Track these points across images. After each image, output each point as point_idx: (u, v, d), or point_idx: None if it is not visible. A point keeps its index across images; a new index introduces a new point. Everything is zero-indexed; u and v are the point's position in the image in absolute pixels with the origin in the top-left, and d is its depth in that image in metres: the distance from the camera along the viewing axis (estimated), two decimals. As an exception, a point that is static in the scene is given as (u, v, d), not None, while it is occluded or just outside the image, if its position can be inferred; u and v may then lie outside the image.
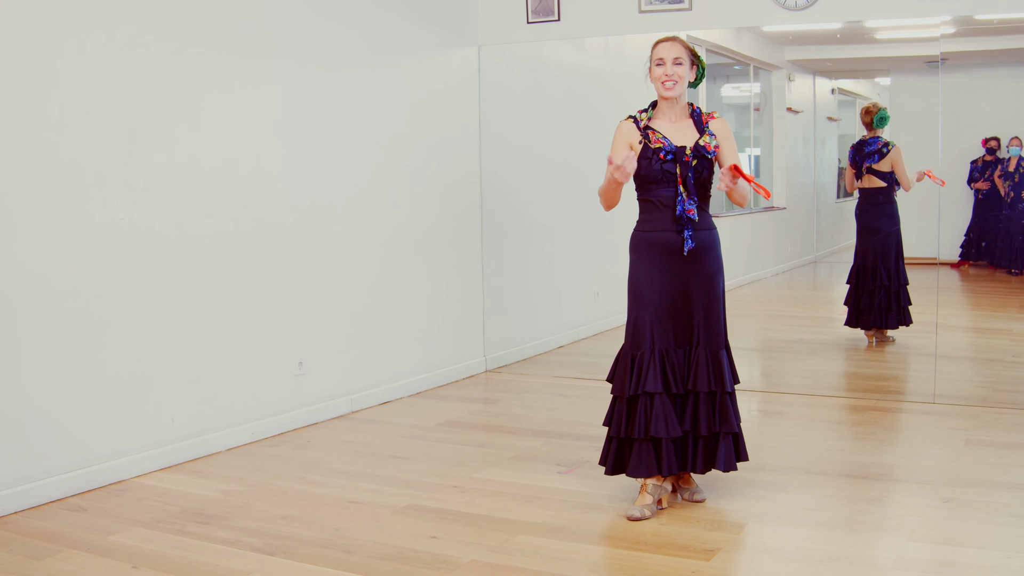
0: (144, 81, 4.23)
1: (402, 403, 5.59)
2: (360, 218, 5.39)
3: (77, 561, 3.32)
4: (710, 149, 3.66)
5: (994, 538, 3.35)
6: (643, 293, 3.68)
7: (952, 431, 4.74)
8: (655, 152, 3.64)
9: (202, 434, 4.54)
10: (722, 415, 3.67)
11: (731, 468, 3.72)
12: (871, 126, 6.53)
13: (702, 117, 3.73)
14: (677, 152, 3.63)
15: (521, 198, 6.68)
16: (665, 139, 3.65)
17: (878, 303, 6.57)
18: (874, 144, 6.52)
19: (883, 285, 6.54)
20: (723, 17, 5.64)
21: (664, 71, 3.65)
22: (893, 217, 6.62)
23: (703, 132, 3.69)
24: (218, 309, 4.60)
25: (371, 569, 3.21)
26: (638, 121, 3.72)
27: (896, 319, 6.59)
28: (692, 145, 3.65)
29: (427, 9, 5.83)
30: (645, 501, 3.69)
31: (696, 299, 3.68)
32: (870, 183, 6.60)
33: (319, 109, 5.11)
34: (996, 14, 5.42)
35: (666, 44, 3.69)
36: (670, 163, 3.62)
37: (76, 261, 4.00)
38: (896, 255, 6.60)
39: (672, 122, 3.71)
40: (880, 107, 6.51)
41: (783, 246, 8.06)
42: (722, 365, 3.68)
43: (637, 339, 3.67)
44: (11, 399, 3.80)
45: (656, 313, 3.66)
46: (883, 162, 6.51)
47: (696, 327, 3.68)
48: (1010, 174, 7.05)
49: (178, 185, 4.40)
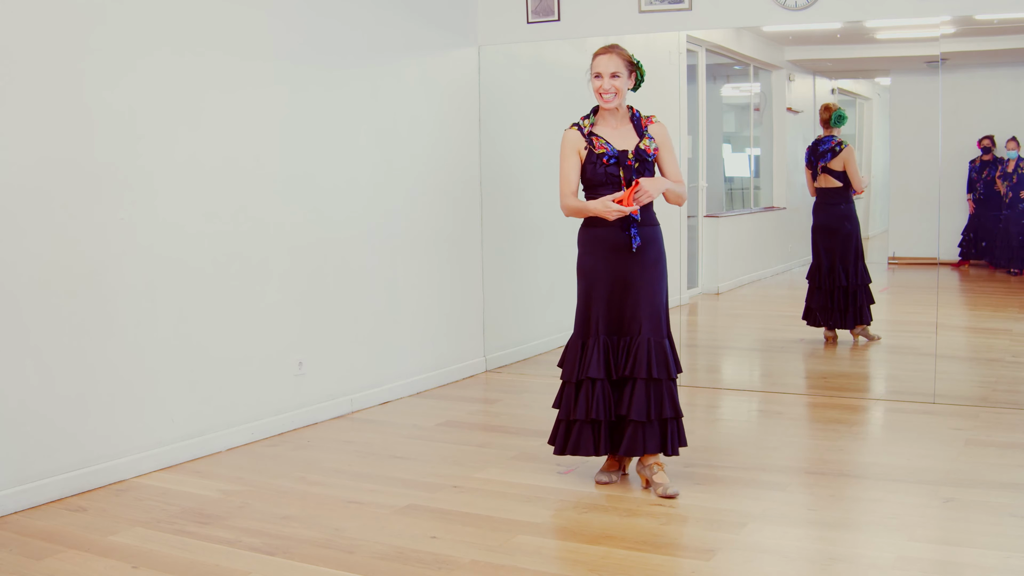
0: (144, 81, 4.23)
1: (402, 403, 5.59)
2: (360, 218, 5.39)
3: (77, 561, 3.32)
4: (650, 152, 3.91)
5: (994, 538, 3.35)
6: (591, 286, 3.94)
7: (952, 431, 4.74)
8: (599, 157, 3.88)
9: (202, 434, 4.54)
10: (659, 401, 3.86)
11: (672, 452, 3.93)
12: (828, 124, 6.52)
13: (641, 121, 3.97)
14: (620, 156, 3.87)
15: (521, 198, 6.68)
16: (608, 144, 3.90)
17: (836, 303, 6.57)
18: (828, 143, 6.51)
19: (841, 286, 6.54)
20: (723, 17, 5.64)
21: (601, 84, 3.89)
22: (850, 217, 6.60)
23: (643, 136, 3.93)
24: (218, 309, 4.60)
25: (371, 569, 3.22)
26: (582, 128, 3.96)
27: (854, 319, 6.59)
28: (633, 149, 3.89)
29: (427, 9, 5.83)
30: (612, 468, 4.08)
31: (639, 291, 3.89)
32: (826, 183, 6.58)
33: (319, 109, 5.11)
34: (996, 14, 5.42)
35: (604, 57, 3.90)
36: (613, 167, 3.86)
37: (76, 261, 4.00)
38: (856, 255, 6.59)
39: (614, 127, 3.96)
40: (837, 106, 6.50)
41: (783, 246, 8.05)
42: (665, 353, 3.86)
43: (585, 328, 3.93)
44: (11, 399, 3.80)
45: (603, 304, 3.91)
46: (835, 161, 6.49)
47: (639, 317, 3.88)
48: (1008, 175, 7.05)
49: (179, 185, 4.40)
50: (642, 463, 3.98)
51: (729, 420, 5.14)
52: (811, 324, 6.73)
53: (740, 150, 8.04)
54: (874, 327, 6.70)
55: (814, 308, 6.66)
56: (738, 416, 5.29)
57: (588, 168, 3.91)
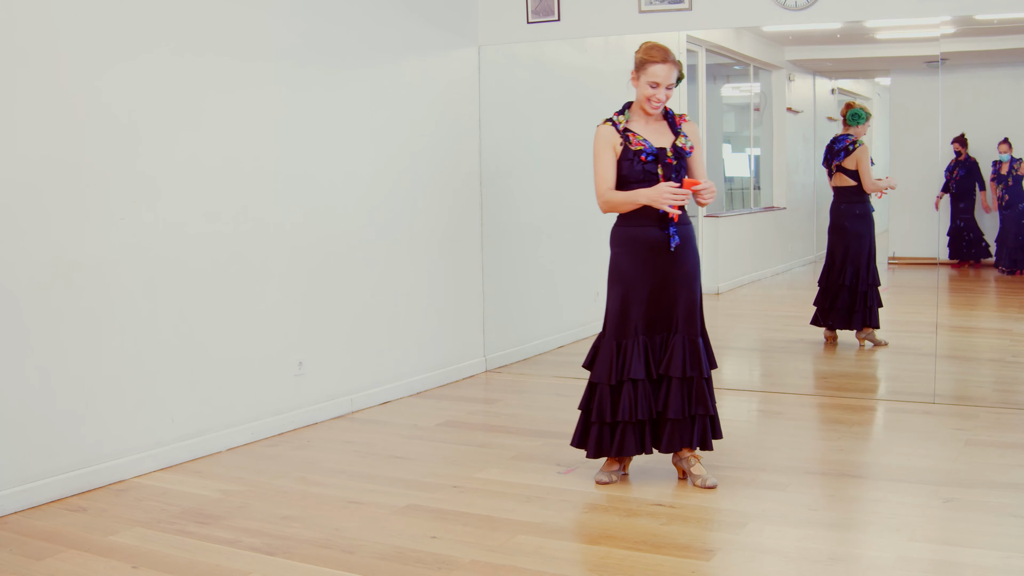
0: (145, 81, 4.23)
1: (402, 403, 5.59)
2: (360, 218, 5.39)
3: (77, 561, 3.32)
4: (687, 150, 3.87)
5: (994, 538, 3.35)
6: (628, 284, 3.88)
7: (952, 431, 4.74)
8: (636, 154, 3.82)
9: (202, 434, 4.54)
10: (699, 398, 3.88)
11: (707, 447, 3.96)
12: (845, 122, 6.49)
13: (675, 119, 3.93)
14: (659, 153, 3.82)
15: (521, 198, 6.68)
16: (645, 141, 3.84)
17: (841, 302, 6.50)
18: (843, 142, 6.48)
19: (847, 285, 6.45)
20: (723, 17, 5.64)
21: (655, 94, 3.83)
22: (865, 217, 6.52)
23: (677, 134, 3.89)
24: (218, 309, 4.60)
25: (371, 569, 3.21)
26: (616, 124, 3.89)
27: (861, 319, 6.50)
28: (671, 146, 3.85)
29: (427, 9, 5.83)
30: (612, 467, 4.05)
31: (677, 291, 3.88)
32: (841, 182, 6.54)
33: (319, 110, 5.11)
34: (996, 14, 5.42)
35: (663, 67, 3.80)
36: (651, 164, 3.81)
37: (76, 261, 4.00)
38: (868, 256, 6.49)
39: (647, 124, 3.90)
40: (856, 105, 6.46)
41: (783, 246, 8.06)
42: (699, 352, 3.89)
43: (623, 328, 3.88)
44: (11, 399, 3.80)
45: (641, 305, 3.87)
46: (848, 160, 6.46)
47: (675, 317, 3.89)
48: (1003, 177, 7.03)
49: (179, 185, 4.40)
50: (678, 456, 4.04)
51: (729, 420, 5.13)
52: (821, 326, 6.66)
53: (740, 150, 8.04)
54: (875, 327, 6.69)
55: (826, 309, 6.57)
56: (738, 416, 5.29)
57: (624, 165, 3.83)
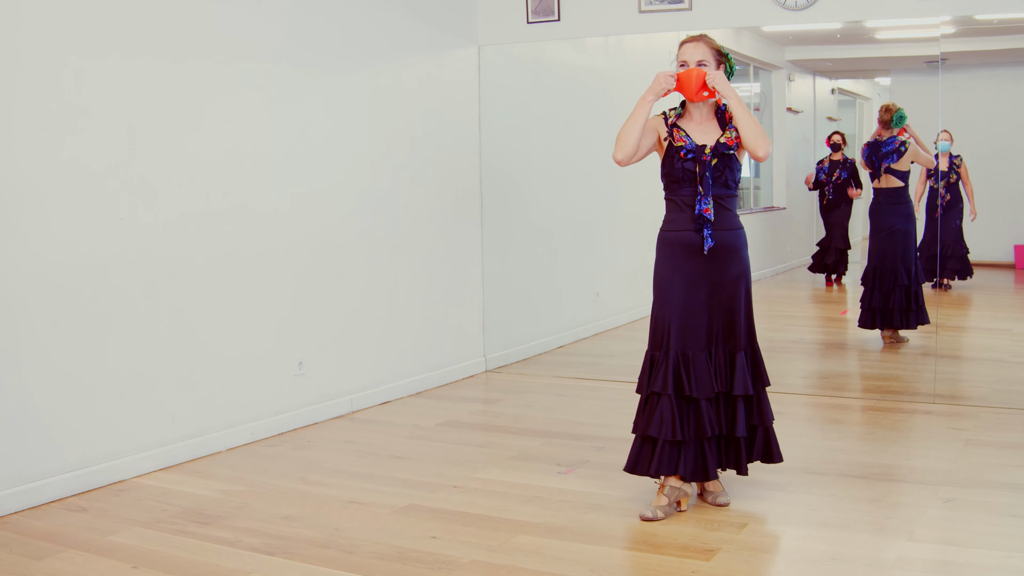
0: (144, 82, 4.23)
1: (402, 403, 5.59)
2: (361, 218, 5.39)
3: (77, 561, 3.32)
4: (731, 144, 3.62)
5: (994, 538, 3.35)
6: (664, 293, 3.67)
7: (952, 431, 4.74)
8: (677, 151, 3.63)
9: (202, 434, 4.54)
10: (759, 411, 3.69)
11: (777, 459, 3.75)
12: (887, 125, 6.49)
13: (726, 114, 3.68)
14: (697, 151, 3.61)
15: (521, 198, 6.68)
16: (687, 138, 3.64)
17: (897, 303, 6.53)
18: (891, 144, 6.50)
19: (903, 285, 6.48)
20: (723, 17, 5.63)
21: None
22: (910, 217, 6.59)
23: (725, 129, 3.66)
24: (218, 309, 4.60)
25: (371, 569, 3.21)
26: (667, 117, 3.71)
27: (915, 318, 6.52)
28: (712, 144, 3.63)
29: (427, 9, 5.83)
30: (661, 503, 3.66)
31: (720, 299, 3.66)
32: (888, 183, 6.57)
33: (320, 110, 5.11)
34: (996, 14, 5.42)
35: (690, 45, 3.66)
36: (690, 162, 3.61)
37: (76, 260, 4.00)
38: (914, 254, 6.57)
39: (698, 123, 3.69)
40: (898, 107, 6.48)
41: (783, 246, 8.06)
42: (743, 367, 3.65)
43: (656, 340, 3.67)
44: (11, 399, 3.80)
45: (677, 313, 3.64)
46: (902, 161, 6.51)
47: (722, 327, 3.67)
48: (945, 174, 6.77)
49: (178, 185, 4.39)
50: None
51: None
52: (867, 327, 6.64)
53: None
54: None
55: (874, 309, 6.56)
56: (738, 416, 5.28)
57: (667, 163, 3.66)
